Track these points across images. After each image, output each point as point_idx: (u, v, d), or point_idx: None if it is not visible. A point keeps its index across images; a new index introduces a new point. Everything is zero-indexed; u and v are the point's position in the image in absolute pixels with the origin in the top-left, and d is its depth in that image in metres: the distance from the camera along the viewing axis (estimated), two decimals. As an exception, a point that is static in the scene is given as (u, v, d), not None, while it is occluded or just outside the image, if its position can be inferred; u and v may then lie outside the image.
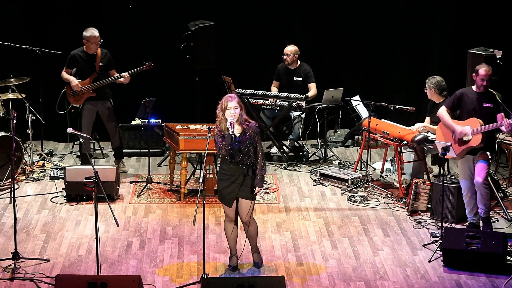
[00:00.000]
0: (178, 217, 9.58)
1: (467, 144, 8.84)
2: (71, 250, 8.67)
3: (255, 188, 7.86)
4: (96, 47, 10.55)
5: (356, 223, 9.42)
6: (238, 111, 7.78)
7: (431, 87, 9.87)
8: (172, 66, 12.09)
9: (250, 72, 12.22)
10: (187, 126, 10.17)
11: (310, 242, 8.90)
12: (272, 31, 12.31)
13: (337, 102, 11.49)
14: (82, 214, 9.63)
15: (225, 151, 7.78)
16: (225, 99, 7.83)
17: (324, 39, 12.42)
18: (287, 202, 10.09)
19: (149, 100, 10.54)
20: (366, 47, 12.44)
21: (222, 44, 11.84)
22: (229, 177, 7.90)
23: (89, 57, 10.61)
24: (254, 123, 7.89)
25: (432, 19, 12.20)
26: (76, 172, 9.88)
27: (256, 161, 7.86)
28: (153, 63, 10.75)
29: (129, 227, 9.26)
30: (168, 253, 8.61)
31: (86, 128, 10.70)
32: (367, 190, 10.38)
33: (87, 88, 10.60)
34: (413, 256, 8.57)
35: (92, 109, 10.73)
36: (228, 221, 8.11)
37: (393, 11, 12.38)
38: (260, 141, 7.92)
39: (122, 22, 12.11)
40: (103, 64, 10.64)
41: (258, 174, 7.85)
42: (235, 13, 12.23)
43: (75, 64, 10.68)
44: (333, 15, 12.36)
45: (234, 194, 7.93)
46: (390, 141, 10.25)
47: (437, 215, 9.31)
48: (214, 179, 10.24)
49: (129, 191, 10.39)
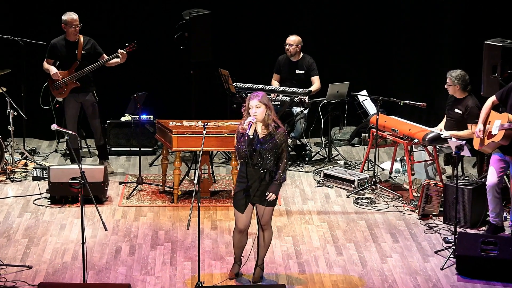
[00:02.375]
0: (171, 220, 9.57)
1: (492, 139, 8.84)
2: (55, 256, 8.66)
3: (268, 193, 7.82)
4: (76, 32, 10.53)
5: (362, 227, 9.42)
6: (260, 111, 7.72)
7: (456, 83, 9.80)
8: (165, 58, 12.09)
9: (249, 65, 12.22)
10: (181, 122, 10.16)
11: (313, 248, 8.90)
12: (272, 21, 12.31)
13: (342, 97, 11.49)
14: (67, 217, 9.63)
15: (243, 153, 7.75)
16: (249, 97, 7.79)
17: (328, 29, 12.42)
18: (288, 205, 10.09)
19: (139, 95, 10.53)
20: (373, 38, 12.44)
21: (219, 34, 11.84)
22: (245, 180, 7.86)
23: (70, 44, 10.60)
24: (284, 128, 7.86)
25: (442, 7, 12.19)
26: (61, 172, 9.87)
27: (278, 167, 7.83)
28: (135, 44, 10.67)
29: (118, 232, 9.26)
30: (160, 259, 8.61)
31: (71, 123, 10.70)
32: (375, 192, 10.38)
33: (70, 78, 10.56)
34: (424, 263, 8.57)
35: (75, 101, 10.72)
36: (237, 231, 8.04)
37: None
38: (287, 149, 7.90)
39: (112, 11, 12.10)
40: (85, 52, 10.62)
41: (277, 179, 7.82)
42: (233, 0, 12.22)
43: (56, 53, 10.67)
44: (337, 4, 12.36)
45: (247, 200, 7.88)
46: (399, 139, 10.25)
47: (450, 219, 9.31)
48: (209, 180, 10.24)
49: (118, 193, 10.39)
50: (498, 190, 9.01)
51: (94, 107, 10.78)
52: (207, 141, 9.50)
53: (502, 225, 9.14)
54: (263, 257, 8.14)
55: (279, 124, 7.85)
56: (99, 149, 11.08)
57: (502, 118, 8.82)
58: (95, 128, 10.91)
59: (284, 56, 11.61)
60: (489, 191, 9.05)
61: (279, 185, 7.87)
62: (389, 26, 12.42)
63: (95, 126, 10.89)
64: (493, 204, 9.06)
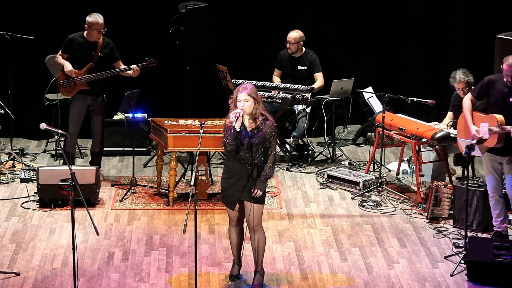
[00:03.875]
0: (167, 224, 9.57)
1: (485, 144, 8.83)
2: (44, 262, 8.65)
3: (254, 189, 7.85)
4: (99, 36, 10.45)
5: (368, 231, 9.42)
6: (248, 104, 7.77)
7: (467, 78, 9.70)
8: (160, 54, 12.05)
9: (248, 61, 12.22)
10: (177, 121, 10.16)
11: (316, 254, 8.89)
12: (273, 14, 12.31)
13: (346, 95, 11.49)
14: (57, 221, 9.62)
15: (230, 146, 7.79)
16: (237, 89, 7.83)
17: (332, 22, 12.41)
18: (290, 207, 10.09)
19: (133, 92, 10.53)
20: (379, 32, 12.43)
21: (217, 28, 11.83)
22: (232, 176, 7.91)
23: (89, 44, 10.50)
24: (272, 121, 7.88)
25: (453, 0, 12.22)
26: (51, 174, 9.86)
27: (265, 162, 7.85)
28: (156, 61, 10.63)
29: (110, 236, 9.25)
30: (155, 265, 8.60)
31: (75, 124, 10.62)
32: (381, 195, 10.38)
33: (80, 79, 10.49)
34: (433, 269, 8.57)
35: (83, 103, 10.62)
36: (232, 225, 8.13)
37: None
38: (276, 143, 7.92)
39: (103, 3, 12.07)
40: (103, 54, 10.52)
41: (262, 175, 7.84)
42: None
43: (72, 50, 10.53)
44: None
45: (237, 196, 7.95)
46: (407, 138, 10.25)
47: (461, 222, 9.30)
48: (207, 181, 10.24)
49: (111, 195, 10.38)
50: (500, 194, 8.99)
51: (100, 113, 10.65)
52: (204, 140, 9.51)
53: (507, 233, 9.11)
54: (261, 262, 8.13)
55: (268, 117, 7.88)
56: (93, 155, 10.98)
57: (489, 120, 8.78)
58: (95, 134, 10.78)
59: (286, 51, 11.60)
60: (491, 196, 9.03)
61: (265, 181, 7.90)
62: (396, 18, 12.41)
63: (96, 132, 10.76)
64: (497, 209, 9.05)
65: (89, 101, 10.63)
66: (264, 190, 7.92)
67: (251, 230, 8.02)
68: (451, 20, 12.26)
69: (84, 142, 11.79)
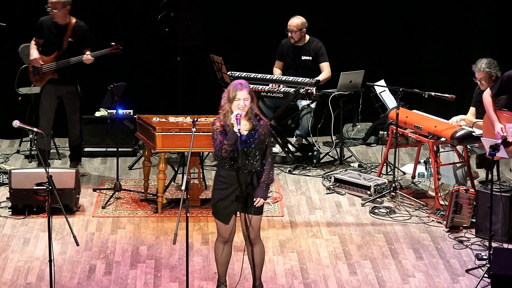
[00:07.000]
0: (155, 234, 9.57)
1: (510, 147, 8.85)
2: (17, 276, 8.65)
3: (255, 198, 7.80)
4: (61, 15, 10.49)
5: (380, 242, 9.43)
6: (248, 103, 7.74)
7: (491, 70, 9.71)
8: (147, 43, 12.08)
9: (246, 51, 12.24)
10: (166, 118, 10.16)
11: (322, 266, 8.90)
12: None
13: (356, 89, 11.50)
14: (32, 230, 9.62)
15: (226, 153, 7.72)
16: (234, 86, 7.77)
17: (340, 9, 12.43)
18: (293, 215, 10.09)
19: (117, 86, 10.52)
20: (392, 19, 12.45)
21: (211, 15, 11.83)
22: (227, 187, 7.84)
23: (58, 28, 10.59)
24: (266, 121, 7.86)
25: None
26: (25, 177, 9.86)
27: (263, 167, 7.81)
28: (121, 46, 10.66)
29: (91, 247, 9.26)
30: (142, 279, 8.61)
31: (46, 118, 10.69)
32: (395, 200, 10.39)
33: (48, 67, 10.54)
34: (453, 284, 8.58)
35: (53, 94, 10.71)
36: (221, 241, 8.05)
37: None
38: (271, 144, 7.91)
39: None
40: (73, 39, 10.58)
41: (262, 182, 7.81)
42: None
43: (43, 34, 10.63)
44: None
45: (232, 208, 7.89)
46: (423, 137, 10.26)
47: (484, 232, 9.31)
48: (200, 186, 10.24)
49: (92, 201, 10.39)
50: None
51: (74, 101, 10.77)
52: (197, 140, 9.51)
53: None
54: (260, 277, 8.13)
55: (261, 116, 7.86)
56: (72, 149, 11.04)
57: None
58: (72, 124, 10.87)
59: (288, 40, 11.59)
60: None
61: (267, 188, 7.87)
62: (410, 4, 12.41)
63: (73, 122, 10.85)
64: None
65: (61, 91, 10.69)
66: (266, 198, 7.89)
67: (250, 243, 7.99)
68: (472, 10, 12.27)
69: (62, 142, 11.78)
